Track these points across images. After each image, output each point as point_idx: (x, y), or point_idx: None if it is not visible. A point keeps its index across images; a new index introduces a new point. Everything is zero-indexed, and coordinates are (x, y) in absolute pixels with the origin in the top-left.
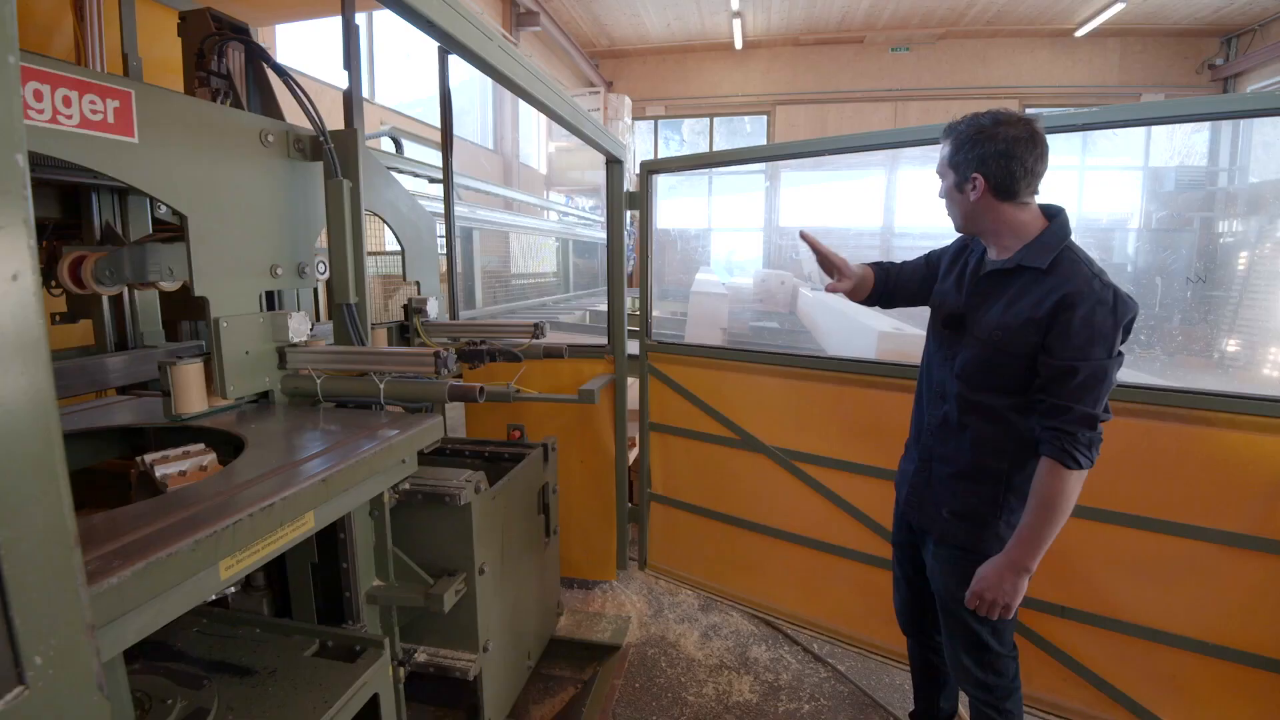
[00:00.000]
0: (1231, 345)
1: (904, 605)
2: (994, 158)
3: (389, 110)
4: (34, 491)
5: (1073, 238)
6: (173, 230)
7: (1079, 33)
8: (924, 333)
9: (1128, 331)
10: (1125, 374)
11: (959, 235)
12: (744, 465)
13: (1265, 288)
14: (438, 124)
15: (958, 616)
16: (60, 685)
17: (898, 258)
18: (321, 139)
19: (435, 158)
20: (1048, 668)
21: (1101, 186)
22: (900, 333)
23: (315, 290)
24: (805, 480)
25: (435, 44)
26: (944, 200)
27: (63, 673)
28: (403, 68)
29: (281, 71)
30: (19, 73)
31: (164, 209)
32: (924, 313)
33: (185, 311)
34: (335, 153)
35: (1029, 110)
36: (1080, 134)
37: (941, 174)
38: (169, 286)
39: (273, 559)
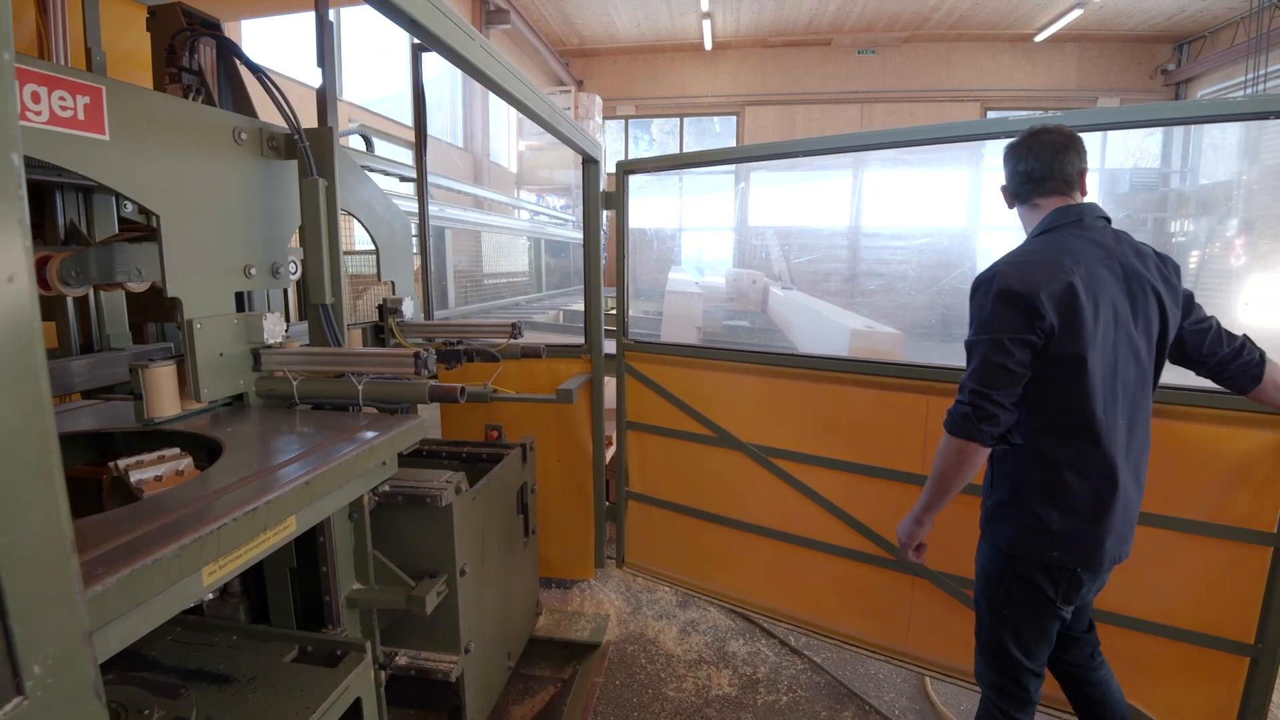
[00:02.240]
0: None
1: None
2: (1009, 164)
3: (356, 107)
4: (31, 497)
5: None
6: (140, 230)
7: (1038, 38)
8: (895, 331)
9: (1031, 314)
10: None
11: None
12: (720, 462)
13: (1217, 285)
14: (405, 121)
15: (980, 612)
16: (59, 694)
17: (865, 257)
18: (297, 137)
19: (404, 155)
20: None
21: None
22: (872, 330)
23: (285, 291)
24: (780, 476)
25: (404, 41)
26: None
27: (61, 681)
28: (369, 64)
29: (256, 69)
30: (14, 70)
31: (129, 207)
32: (898, 310)
33: (152, 313)
34: (310, 151)
35: (991, 113)
36: None
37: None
38: (137, 287)
39: (250, 565)
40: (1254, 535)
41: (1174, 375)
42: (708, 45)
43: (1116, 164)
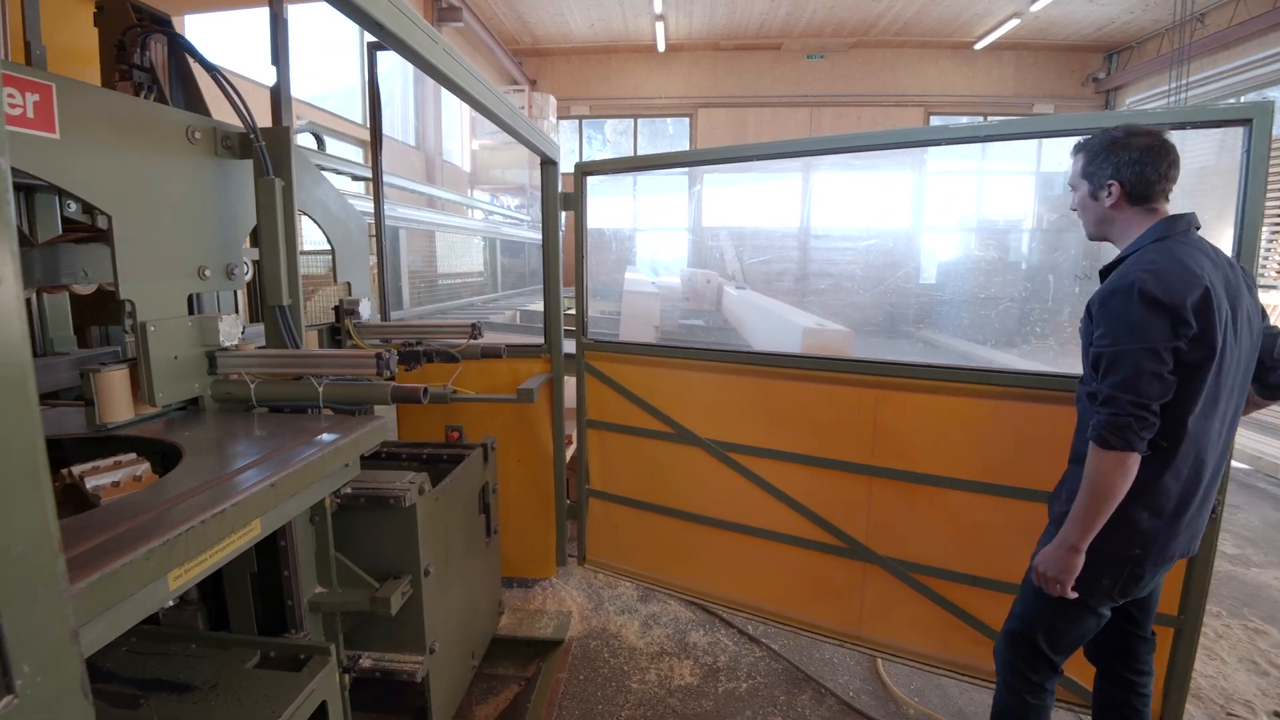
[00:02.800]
0: None
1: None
2: (1128, 165)
3: (303, 103)
4: (19, 496)
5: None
6: (86, 230)
7: (978, 46)
8: (845, 328)
9: (1177, 321)
10: (1022, 364)
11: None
12: (679, 458)
13: None
14: (353, 118)
15: (1027, 580)
16: (48, 692)
17: (815, 257)
18: (253, 136)
19: (354, 153)
20: (964, 634)
21: (999, 191)
22: (823, 328)
23: (235, 293)
24: (737, 469)
25: (351, 36)
26: (1077, 210)
27: (50, 679)
28: (315, 60)
29: (211, 67)
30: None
31: (73, 207)
32: (847, 309)
33: (97, 316)
34: (266, 150)
35: (933, 118)
36: (981, 143)
37: (1075, 185)
38: (83, 290)
39: (215, 569)
40: None
41: (1051, 362)
42: (661, 47)
43: (1051, 167)
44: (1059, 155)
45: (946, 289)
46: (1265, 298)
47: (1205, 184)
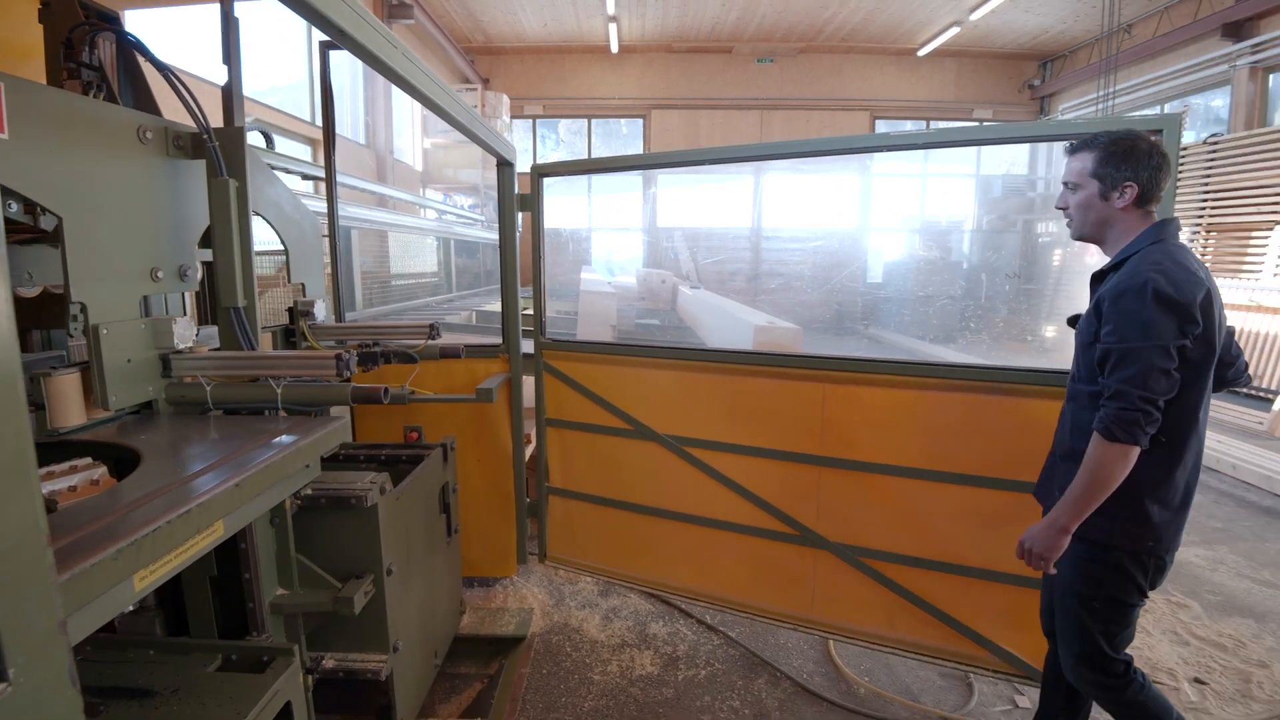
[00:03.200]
0: (1049, 330)
1: (1046, 605)
2: (1149, 170)
3: (248, 100)
4: (10, 493)
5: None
6: (28, 231)
7: (921, 52)
8: (794, 325)
9: (1183, 319)
10: (955, 356)
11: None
12: (637, 453)
13: (1076, 279)
14: (298, 113)
15: (1067, 607)
16: (39, 680)
17: (766, 258)
18: (206, 136)
19: (300, 150)
20: (909, 613)
21: (942, 193)
22: (774, 325)
23: (182, 295)
24: (694, 463)
25: (296, 31)
26: (1071, 208)
27: (40, 668)
28: (259, 55)
29: (163, 66)
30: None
31: (15, 207)
32: (799, 307)
33: (40, 320)
34: (220, 151)
35: (879, 121)
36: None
37: (1079, 183)
38: (27, 293)
39: (178, 570)
40: None
41: (1025, 359)
42: (614, 48)
43: (990, 170)
44: (996, 160)
45: (889, 287)
46: None
47: None
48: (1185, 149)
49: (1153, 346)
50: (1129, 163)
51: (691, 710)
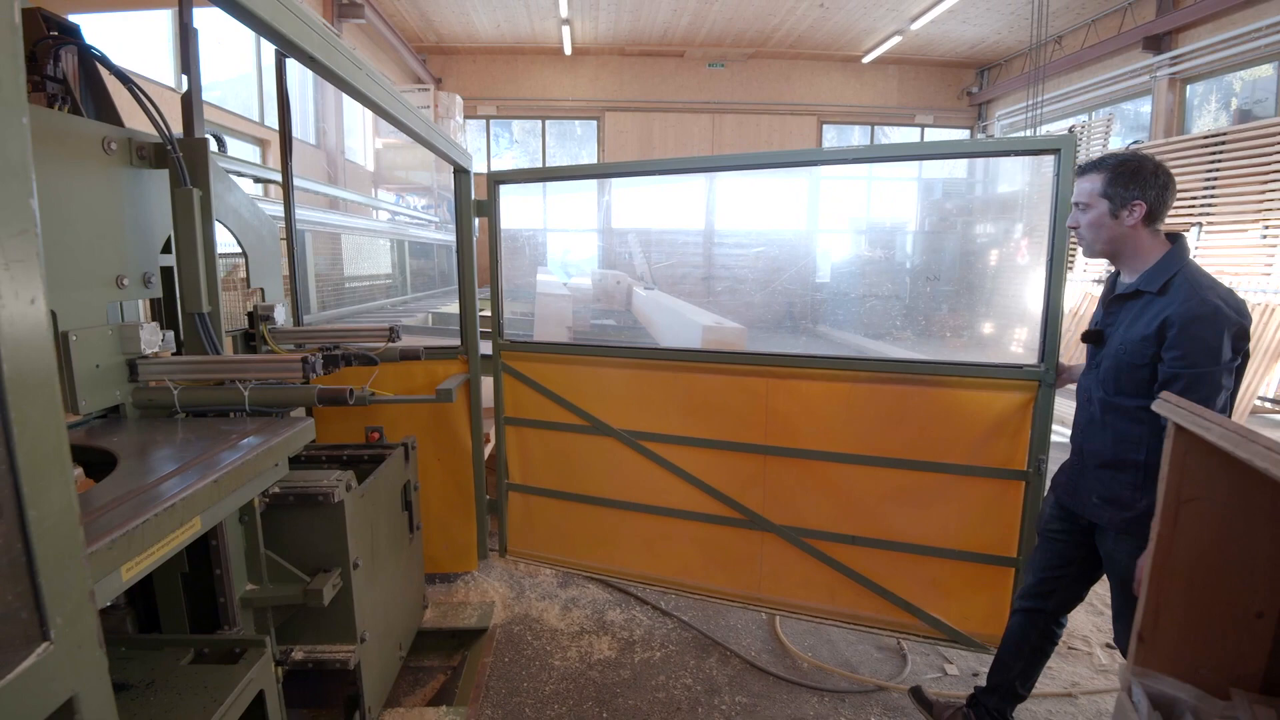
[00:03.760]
0: (987, 327)
1: (1036, 584)
2: (1154, 188)
3: None
4: (51, 479)
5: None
6: None
7: (865, 59)
8: (739, 325)
9: (1239, 338)
10: (887, 351)
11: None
12: (594, 449)
13: (1011, 278)
14: (243, 110)
15: (1130, 593)
16: (73, 641)
17: (718, 258)
18: (170, 148)
19: (249, 152)
20: (848, 588)
21: (887, 196)
22: (721, 325)
23: (138, 302)
24: (648, 456)
25: (235, 26)
26: (1083, 227)
27: (74, 630)
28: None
29: (125, 79)
30: (28, 131)
31: None
32: (750, 306)
33: None
34: (184, 161)
35: (825, 126)
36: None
37: (1089, 203)
38: None
39: (160, 563)
40: (1011, 473)
41: (946, 353)
42: (567, 50)
43: (932, 174)
44: (937, 166)
45: (832, 287)
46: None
47: (1024, 201)
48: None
49: (1220, 369)
50: (1136, 182)
51: (647, 689)
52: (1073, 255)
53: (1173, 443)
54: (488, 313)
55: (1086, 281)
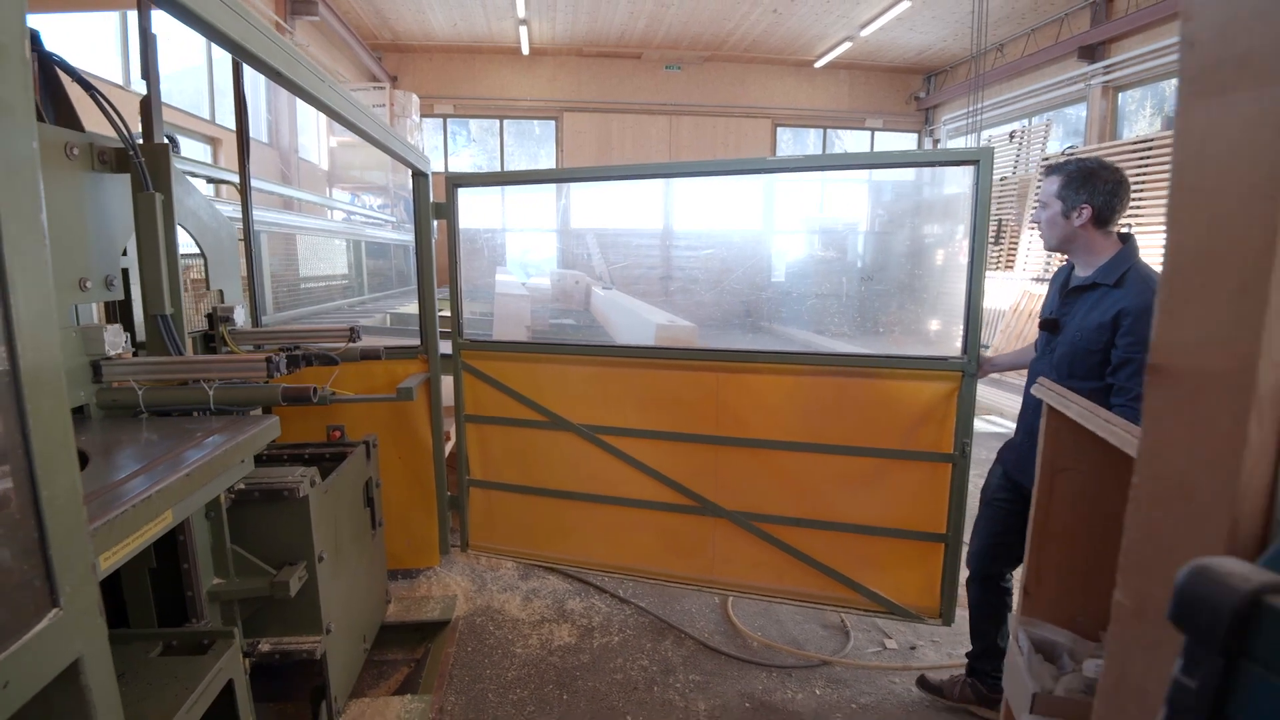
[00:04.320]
0: (934, 324)
1: (984, 550)
2: (1102, 194)
3: (136, 95)
4: (59, 462)
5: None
6: None
7: (818, 64)
8: (691, 324)
9: None
10: (830, 345)
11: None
12: (553, 443)
13: (955, 276)
14: (194, 108)
15: None
16: (79, 608)
17: (676, 260)
18: (131, 153)
19: (200, 151)
20: (794, 567)
21: (839, 196)
22: (674, 324)
23: (93, 305)
24: (606, 449)
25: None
26: (1042, 224)
27: (79, 599)
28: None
29: (87, 85)
30: (38, 159)
31: None
32: (706, 305)
33: None
34: (146, 166)
35: (779, 128)
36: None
37: (1046, 202)
38: None
39: (135, 554)
40: (939, 456)
41: (878, 345)
42: (525, 50)
43: (882, 176)
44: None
45: (775, 288)
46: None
47: (951, 209)
48: (1047, 158)
49: None
50: (1086, 187)
51: (606, 671)
52: (1012, 255)
53: (1045, 420)
54: (447, 313)
55: (1026, 280)
